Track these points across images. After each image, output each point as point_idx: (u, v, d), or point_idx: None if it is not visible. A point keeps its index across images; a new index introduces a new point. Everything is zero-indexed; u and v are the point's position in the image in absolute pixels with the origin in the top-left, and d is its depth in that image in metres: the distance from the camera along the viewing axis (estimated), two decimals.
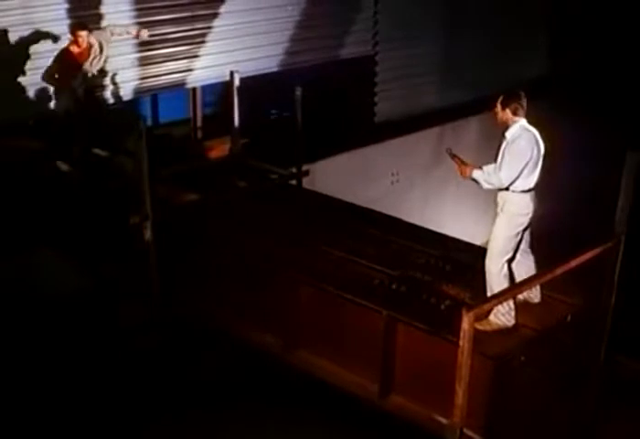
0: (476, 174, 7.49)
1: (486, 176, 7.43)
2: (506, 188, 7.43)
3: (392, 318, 7.83)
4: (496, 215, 7.62)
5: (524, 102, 7.43)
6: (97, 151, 10.72)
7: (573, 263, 7.15)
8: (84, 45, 10.57)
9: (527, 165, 7.35)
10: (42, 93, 11.21)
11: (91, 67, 10.72)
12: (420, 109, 15.39)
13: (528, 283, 7.11)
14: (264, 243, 9.23)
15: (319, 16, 13.75)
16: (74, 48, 10.57)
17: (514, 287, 7.39)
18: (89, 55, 10.66)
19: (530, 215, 7.53)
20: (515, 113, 7.40)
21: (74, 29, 10.60)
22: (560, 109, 15.55)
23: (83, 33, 10.52)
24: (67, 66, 10.55)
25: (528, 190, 7.44)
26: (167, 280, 9.16)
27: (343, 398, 8.17)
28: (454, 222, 14.19)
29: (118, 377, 8.56)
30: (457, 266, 8.79)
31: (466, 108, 15.27)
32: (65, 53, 10.59)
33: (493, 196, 7.63)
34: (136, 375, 8.63)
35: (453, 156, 7.60)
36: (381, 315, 7.87)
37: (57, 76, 10.59)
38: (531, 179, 7.43)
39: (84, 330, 8.89)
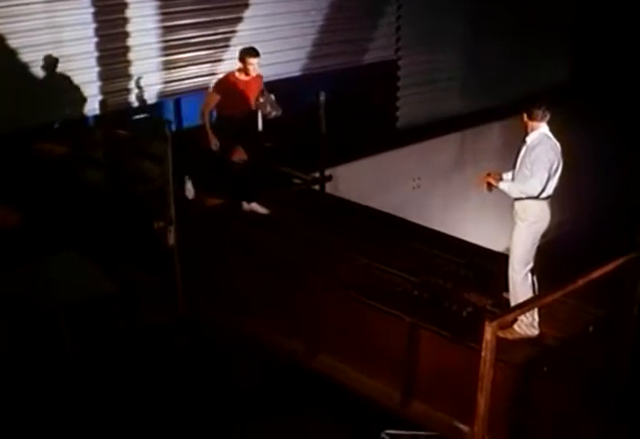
0: (503, 185, 7.53)
1: (518, 185, 7.46)
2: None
3: (414, 325, 7.87)
4: (513, 223, 7.65)
5: (547, 110, 7.48)
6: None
7: (595, 275, 7.13)
8: (253, 74, 9.66)
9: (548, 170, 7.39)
10: (69, 97, 11.31)
11: (256, 105, 9.87)
12: (441, 114, 15.40)
13: (551, 294, 7.09)
14: (287, 248, 9.28)
15: (342, 21, 13.78)
16: (241, 76, 9.68)
17: (537, 298, 7.40)
18: (257, 88, 9.81)
19: (548, 222, 7.56)
20: (537, 120, 7.45)
21: (244, 56, 9.58)
22: (583, 115, 15.53)
23: (254, 60, 9.53)
24: (232, 93, 9.64)
25: (546, 197, 7.48)
26: (192, 285, 9.19)
27: (365, 403, 8.20)
28: (476, 228, 14.16)
29: (142, 382, 8.59)
30: (479, 273, 8.81)
31: (488, 114, 15.27)
32: (231, 80, 9.71)
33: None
34: (160, 380, 8.65)
35: (488, 175, 7.66)
36: (403, 322, 7.91)
37: (219, 103, 9.70)
38: (549, 186, 7.47)
39: (107, 334, 8.93)
